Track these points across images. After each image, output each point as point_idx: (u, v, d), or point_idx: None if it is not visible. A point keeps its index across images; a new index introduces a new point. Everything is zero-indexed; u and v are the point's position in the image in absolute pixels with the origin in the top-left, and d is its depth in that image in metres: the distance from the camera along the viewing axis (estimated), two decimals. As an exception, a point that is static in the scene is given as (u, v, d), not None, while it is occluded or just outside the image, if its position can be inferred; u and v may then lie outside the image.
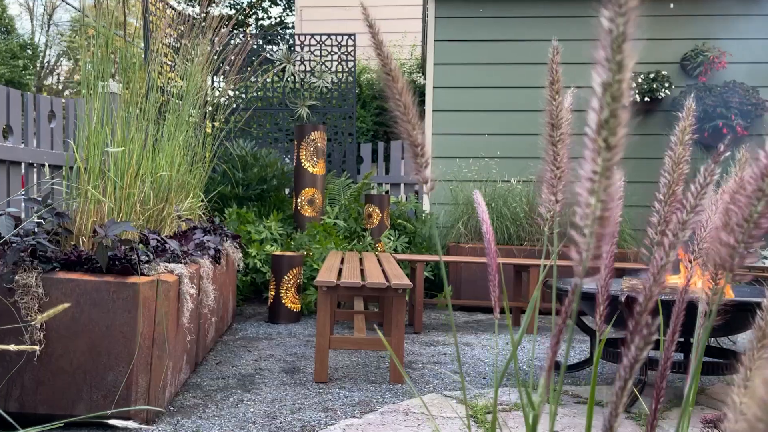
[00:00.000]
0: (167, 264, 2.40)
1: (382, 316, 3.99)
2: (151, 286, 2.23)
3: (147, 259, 2.34)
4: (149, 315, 2.23)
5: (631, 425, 2.31)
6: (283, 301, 4.29)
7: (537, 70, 5.83)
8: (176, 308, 2.42)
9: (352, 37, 6.37)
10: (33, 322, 1.57)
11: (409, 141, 0.68)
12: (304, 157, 5.20)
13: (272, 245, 4.81)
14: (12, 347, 0.86)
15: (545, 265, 3.76)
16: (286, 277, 4.30)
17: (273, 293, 4.32)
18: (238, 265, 4.18)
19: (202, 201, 3.78)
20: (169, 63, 3.93)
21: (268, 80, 6.35)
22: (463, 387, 0.76)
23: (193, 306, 2.53)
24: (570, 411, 2.45)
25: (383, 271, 3.24)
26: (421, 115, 9.15)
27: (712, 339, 3.35)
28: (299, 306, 4.38)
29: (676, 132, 0.66)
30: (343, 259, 3.83)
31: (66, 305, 0.91)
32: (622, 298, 2.43)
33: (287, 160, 6.16)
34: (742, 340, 3.50)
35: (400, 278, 2.92)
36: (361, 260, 3.80)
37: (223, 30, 3.73)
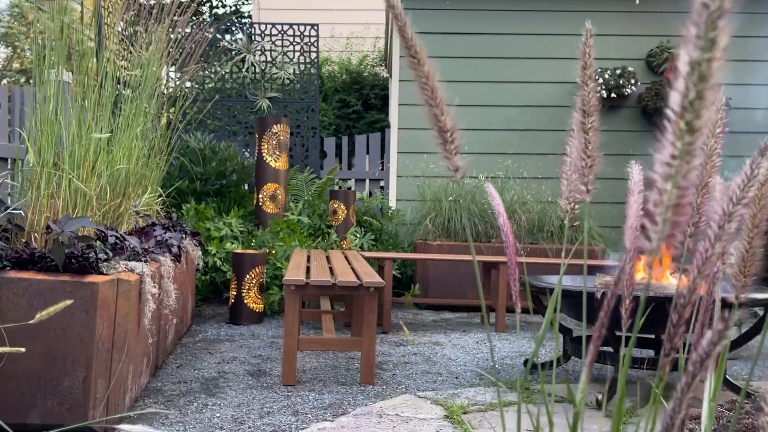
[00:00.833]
0: (127, 262, 2.33)
1: (350, 316, 3.97)
2: (110, 286, 2.16)
3: (105, 257, 2.26)
4: (108, 316, 2.16)
5: (607, 422, 2.35)
6: (245, 301, 4.23)
7: (506, 65, 5.89)
8: (137, 309, 2.36)
9: (315, 27, 6.32)
10: (31, 321, 1.51)
11: (437, 127, 0.66)
12: (265, 151, 5.13)
13: (233, 243, 4.73)
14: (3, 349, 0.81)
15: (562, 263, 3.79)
16: (248, 276, 4.23)
17: (234, 293, 4.25)
18: (198, 264, 4.09)
19: (160, 196, 3.69)
20: (123, 50, 3.82)
21: (227, 71, 6.25)
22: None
23: (155, 307, 2.47)
24: (545, 410, 2.47)
25: (353, 269, 3.22)
26: (385, 108, 9.13)
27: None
28: (262, 306, 4.32)
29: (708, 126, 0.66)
30: (309, 257, 3.79)
31: (68, 302, 0.87)
32: (598, 295, 2.46)
33: (247, 154, 6.07)
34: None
35: (371, 276, 2.90)
36: (328, 258, 3.77)
37: (181, 17, 3.65)
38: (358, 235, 5.16)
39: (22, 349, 0.80)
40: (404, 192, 5.75)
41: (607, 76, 5.69)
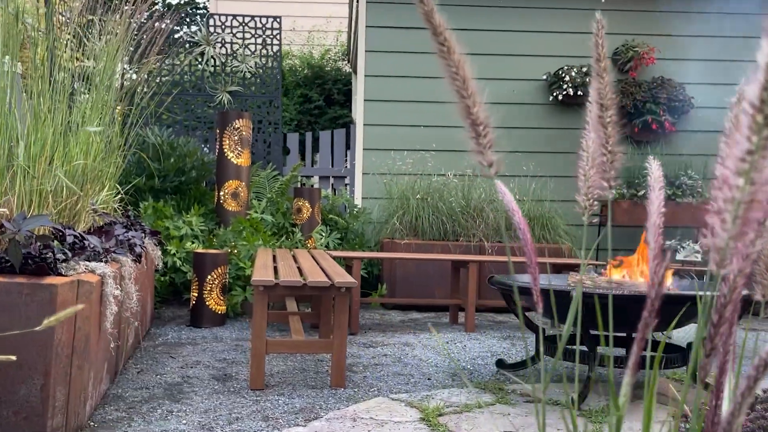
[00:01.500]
0: (88, 263, 2.26)
1: (317, 317, 3.94)
2: (70, 288, 2.09)
3: (64, 257, 2.19)
4: (69, 320, 2.08)
5: (582, 421, 2.39)
6: (207, 303, 4.15)
7: (473, 61, 5.92)
8: (98, 312, 2.28)
9: (278, 19, 6.25)
10: (38, 327, 1.45)
11: (470, 120, 0.65)
12: (227, 146, 5.05)
13: (193, 242, 4.65)
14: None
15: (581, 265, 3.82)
16: (209, 277, 4.16)
17: (195, 294, 4.18)
18: (157, 265, 4.01)
19: (118, 193, 3.59)
20: (77, 40, 3.70)
21: (186, 63, 6.13)
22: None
23: (117, 309, 2.40)
24: (521, 410, 2.50)
25: (322, 269, 3.20)
26: (348, 104, 9.10)
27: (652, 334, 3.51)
28: (224, 308, 4.25)
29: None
30: (275, 257, 3.75)
31: (79, 307, 0.82)
32: (573, 294, 2.49)
33: (206, 150, 5.97)
34: (677, 335, 3.69)
35: (343, 276, 2.88)
36: (295, 258, 3.73)
37: (137, 6, 3.55)
38: (324, 234, 5.13)
39: (13, 357, 0.76)
40: (370, 190, 5.74)
41: (573, 73, 5.78)
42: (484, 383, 2.91)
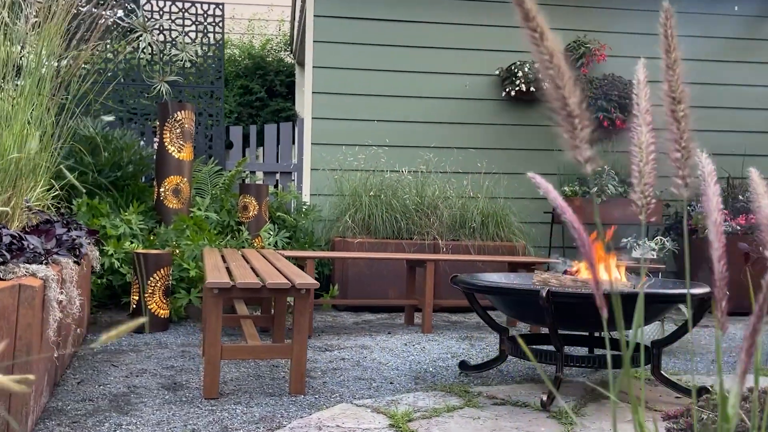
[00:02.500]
0: (28, 266, 2.13)
1: (268, 320, 3.87)
2: (11, 293, 1.96)
3: (2, 259, 2.06)
4: (9, 328, 1.96)
5: (553, 424, 2.41)
6: (149, 307, 4.01)
7: (427, 54, 5.93)
8: (41, 319, 2.16)
9: (221, 6, 6.10)
10: (93, 344, 1.35)
11: (565, 112, 0.62)
12: (168, 140, 4.90)
13: (132, 242, 4.48)
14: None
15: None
16: (152, 279, 4.02)
17: (136, 298, 4.03)
18: (95, 266, 3.84)
19: (51, 189, 3.42)
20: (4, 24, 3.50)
21: (120, 50, 5.90)
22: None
23: (61, 316, 2.27)
24: (491, 413, 2.51)
25: (278, 269, 3.13)
26: (291, 96, 8.97)
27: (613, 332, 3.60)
28: (168, 312, 4.12)
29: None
30: (223, 258, 3.65)
31: (141, 320, 0.75)
32: (543, 293, 2.52)
33: (143, 143, 5.76)
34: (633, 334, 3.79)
35: (303, 277, 2.83)
36: (245, 258, 3.64)
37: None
38: (272, 233, 5.04)
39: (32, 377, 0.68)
40: (320, 186, 5.68)
41: (526, 69, 5.87)
42: (449, 386, 2.91)
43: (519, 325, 4.63)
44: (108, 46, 5.85)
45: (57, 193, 3.44)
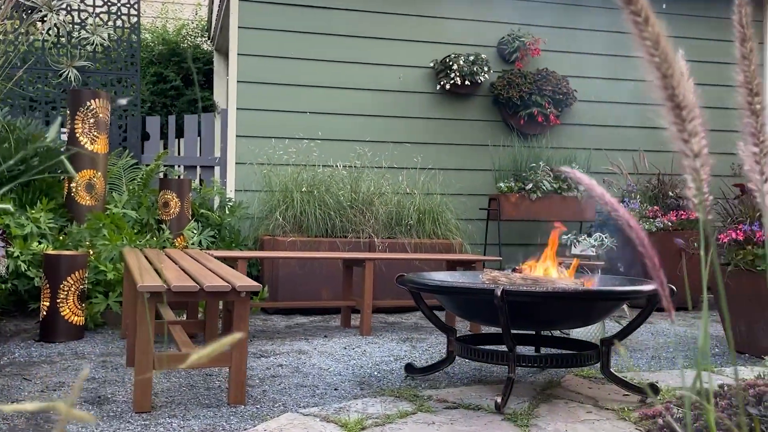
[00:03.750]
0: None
1: (197, 326, 3.75)
2: None
3: None
4: None
5: (509, 426, 2.44)
6: (62, 313, 3.80)
7: (360, 44, 5.89)
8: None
9: (136, -14, 5.85)
10: (181, 366, 1.20)
11: (673, 102, 0.59)
12: (80, 130, 4.66)
13: (41, 242, 4.23)
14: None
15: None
16: (65, 283, 3.82)
17: (47, 304, 3.81)
18: (0, 270, 3.60)
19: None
20: None
21: (22, 31, 5.57)
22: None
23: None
24: (445, 418, 2.51)
25: (212, 271, 3.02)
26: (209, 85, 8.74)
27: (558, 331, 3.68)
28: (83, 318, 3.92)
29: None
30: (148, 259, 3.50)
31: (239, 335, 0.66)
32: (498, 292, 2.54)
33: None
34: (576, 333, 3.89)
35: (242, 279, 2.74)
36: (172, 259, 3.50)
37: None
38: (196, 232, 4.88)
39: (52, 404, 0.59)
40: (247, 182, 5.54)
41: (461, 62, 5.94)
42: (398, 390, 2.90)
43: (457, 325, 4.68)
44: (7, 26, 5.51)
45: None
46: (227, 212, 5.29)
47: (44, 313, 3.83)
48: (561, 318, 2.92)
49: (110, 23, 5.78)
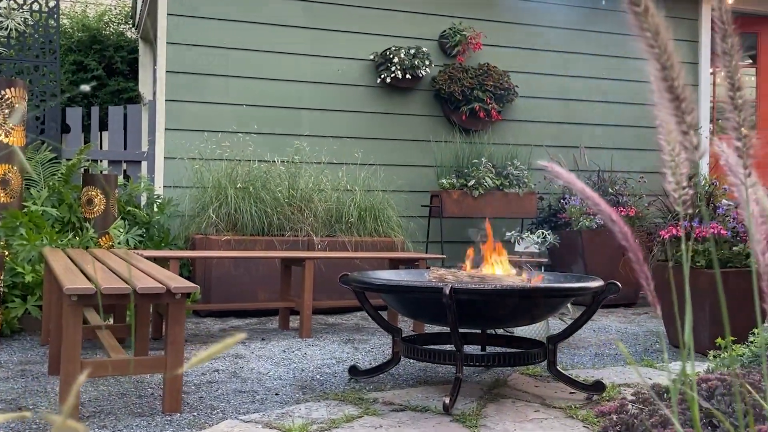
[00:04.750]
0: None
1: (125, 330, 3.64)
2: None
3: None
4: None
5: (459, 428, 2.46)
6: (-25, 319, 3.63)
7: (297, 35, 5.83)
8: None
9: (54, -33, 5.63)
10: (181, 369, 1.10)
11: (671, 95, 0.59)
12: (-7, 122, 4.45)
13: (-50, 243, 4.02)
14: None
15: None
16: (-22, 286, 3.64)
17: (-42, 309, 3.62)
18: None
19: None
20: None
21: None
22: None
23: None
24: (393, 421, 2.50)
25: (144, 272, 2.94)
26: (134, 75, 8.51)
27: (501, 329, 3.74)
28: (-1, 324, 3.75)
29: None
30: (73, 260, 3.37)
31: (240, 336, 0.61)
32: (446, 290, 2.56)
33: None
34: (520, 331, 3.96)
35: (177, 280, 2.67)
36: (99, 260, 3.39)
37: None
38: (122, 231, 4.73)
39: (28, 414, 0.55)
40: (177, 177, 5.41)
41: (402, 55, 5.95)
42: (342, 394, 2.88)
43: (399, 324, 4.69)
44: None
45: None
46: (156, 210, 5.16)
47: (-45, 319, 3.64)
48: (509, 316, 2.97)
49: (26, 7, 5.54)
